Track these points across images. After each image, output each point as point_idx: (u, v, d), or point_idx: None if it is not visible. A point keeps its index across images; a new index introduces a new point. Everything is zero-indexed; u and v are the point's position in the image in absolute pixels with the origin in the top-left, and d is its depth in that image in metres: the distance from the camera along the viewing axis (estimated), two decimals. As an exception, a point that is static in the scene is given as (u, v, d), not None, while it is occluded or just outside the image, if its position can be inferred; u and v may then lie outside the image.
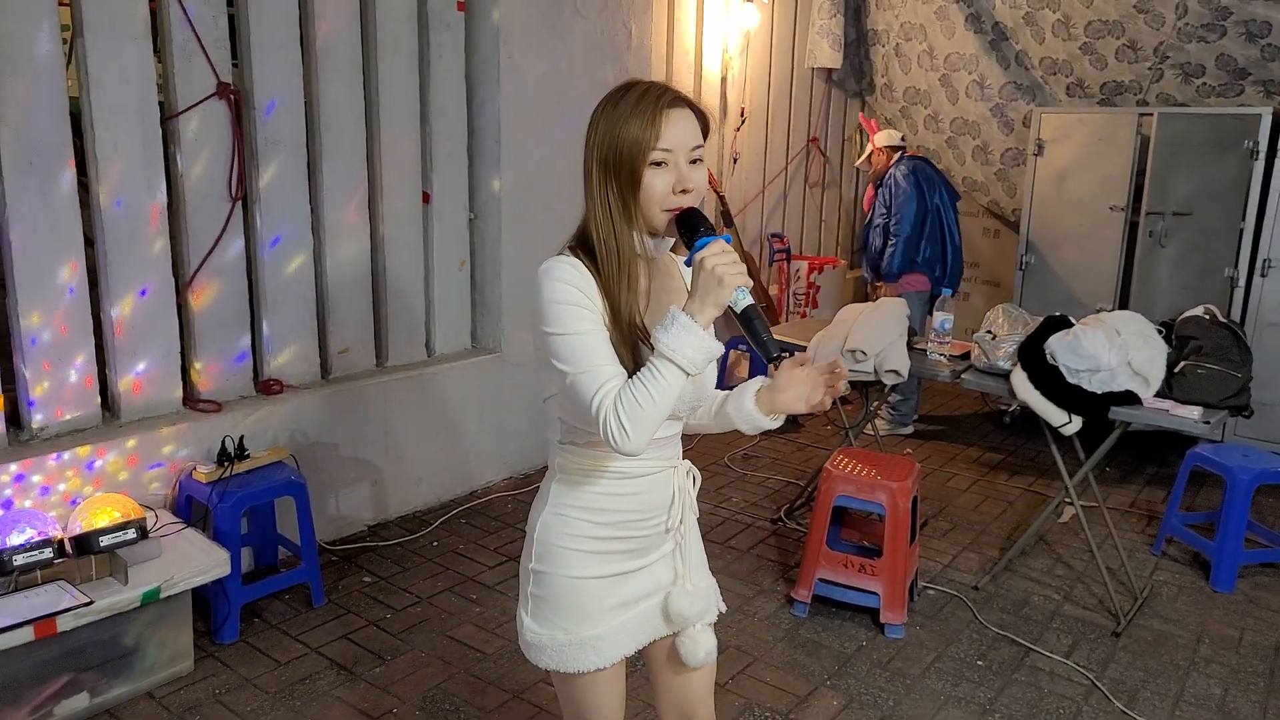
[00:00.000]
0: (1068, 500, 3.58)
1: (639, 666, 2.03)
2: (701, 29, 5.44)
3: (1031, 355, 3.43)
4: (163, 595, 2.76)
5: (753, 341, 1.45)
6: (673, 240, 1.59)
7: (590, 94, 4.61)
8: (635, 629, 1.69)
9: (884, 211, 5.24)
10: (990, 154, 6.11)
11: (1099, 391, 3.28)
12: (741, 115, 5.90)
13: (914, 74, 6.29)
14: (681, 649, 1.71)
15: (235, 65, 3.48)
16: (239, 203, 3.49)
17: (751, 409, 1.67)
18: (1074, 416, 3.32)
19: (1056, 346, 3.36)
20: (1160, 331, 3.50)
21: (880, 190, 5.30)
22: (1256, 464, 3.77)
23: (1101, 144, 5.18)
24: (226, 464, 3.25)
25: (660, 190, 1.48)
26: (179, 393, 3.45)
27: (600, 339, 1.47)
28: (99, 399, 3.26)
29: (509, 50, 4.22)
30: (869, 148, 5.49)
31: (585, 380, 1.45)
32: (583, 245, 1.55)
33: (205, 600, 3.14)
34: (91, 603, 2.61)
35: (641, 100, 1.48)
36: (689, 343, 1.40)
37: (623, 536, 1.64)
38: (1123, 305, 5.13)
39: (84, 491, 3.10)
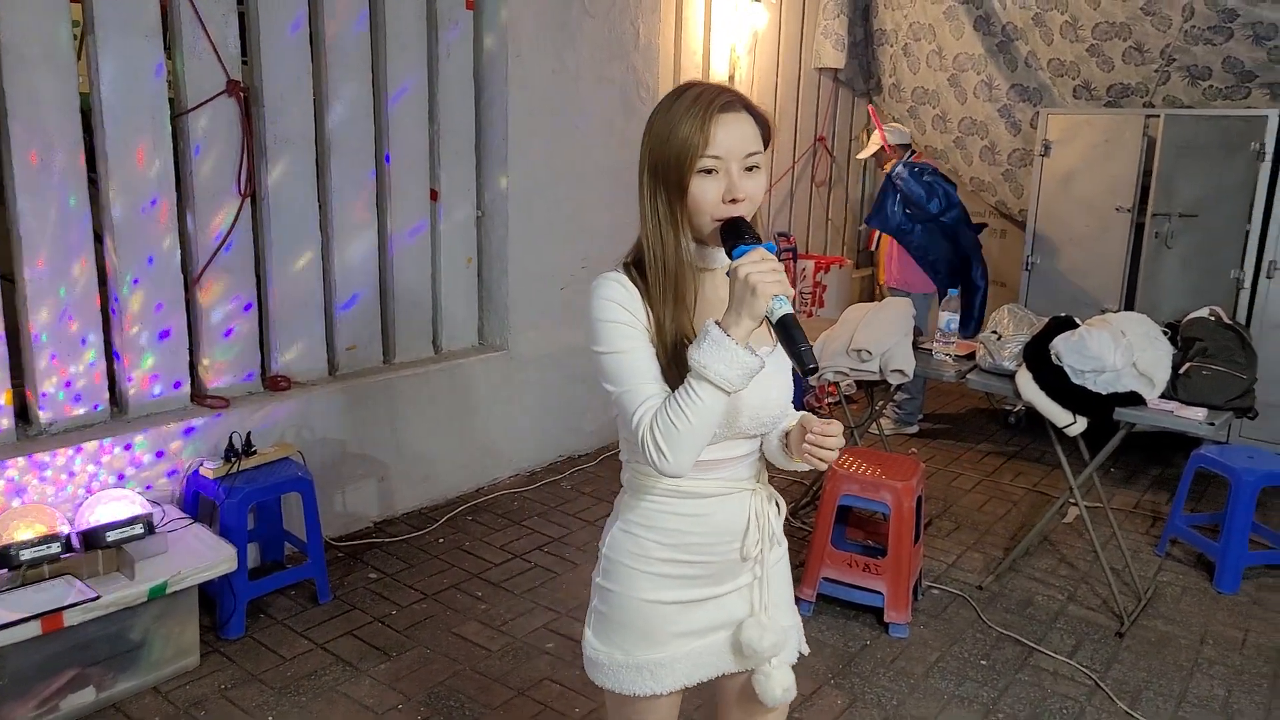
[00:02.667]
0: (1072, 501, 3.58)
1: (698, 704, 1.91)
2: (709, 28, 5.44)
3: (1037, 356, 3.44)
4: (169, 590, 2.77)
5: (788, 352, 1.37)
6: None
7: (598, 93, 4.63)
8: (700, 660, 1.60)
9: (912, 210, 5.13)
10: (998, 154, 6.11)
11: (1104, 392, 3.29)
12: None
13: (922, 74, 6.29)
14: (757, 686, 1.60)
15: (245, 62, 3.50)
16: (248, 200, 3.51)
17: (777, 447, 1.61)
18: (1079, 417, 3.32)
19: (1062, 347, 3.37)
20: (1165, 333, 3.50)
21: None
22: (1261, 466, 3.77)
23: (1108, 145, 5.17)
24: (234, 460, 3.26)
25: (709, 199, 1.41)
26: (187, 388, 3.47)
27: (643, 357, 1.43)
28: (107, 394, 3.28)
29: (517, 49, 4.23)
30: (875, 141, 5.43)
31: (627, 399, 1.42)
32: (637, 260, 1.50)
33: (211, 596, 3.16)
34: (98, 597, 2.62)
35: (694, 103, 1.41)
36: (721, 358, 1.33)
37: (690, 560, 1.56)
38: (1128, 306, 5.12)
39: (91, 486, 3.11)
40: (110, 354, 3.30)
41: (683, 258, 1.46)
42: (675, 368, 1.42)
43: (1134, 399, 3.27)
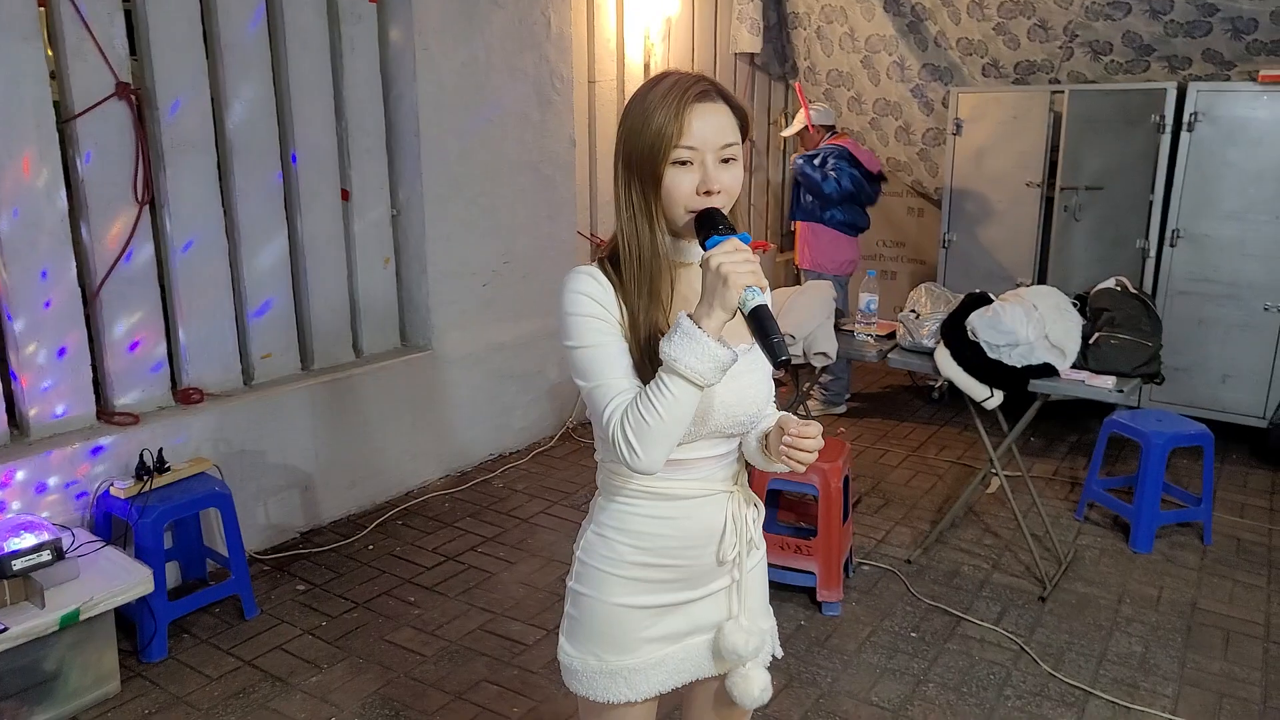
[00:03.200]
0: (993, 471, 3.67)
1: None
2: (622, 16, 5.41)
3: (954, 333, 3.50)
4: (82, 617, 2.67)
5: (759, 344, 1.33)
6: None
7: (509, 85, 4.57)
8: (676, 666, 1.57)
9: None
10: (912, 134, 6.20)
11: (1019, 365, 3.36)
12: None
13: (836, 56, 6.35)
14: (734, 689, 1.57)
15: (135, 58, 3.35)
16: (146, 207, 3.38)
17: (756, 449, 1.57)
18: (996, 390, 3.39)
19: (977, 323, 3.43)
20: (1075, 304, 3.60)
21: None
22: (1170, 428, 3.91)
23: (1016, 122, 5.29)
24: (146, 478, 3.16)
25: (683, 191, 1.38)
26: (92, 407, 3.33)
27: (615, 351, 1.40)
28: (6, 417, 3.13)
29: (424, 42, 4.15)
30: (800, 120, 5.51)
31: (598, 394, 1.39)
32: (612, 255, 1.46)
33: (130, 619, 3.06)
34: (6, 629, 2.52)
35: (669, 92, 1.37)
36: (692, 351, 1.29)
37: (664, 564, 1.52)
38: (1041, 279, 5.26)
39: (-5, 513, 2.98)
40: (6, 374, 3.15)
41: (657, 250, 1.42)
42: (649, 363, 1.39)
43: (1048, 370, 3.35)
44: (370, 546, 3.86)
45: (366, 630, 3.24)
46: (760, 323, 1.31)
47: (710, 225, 1.36)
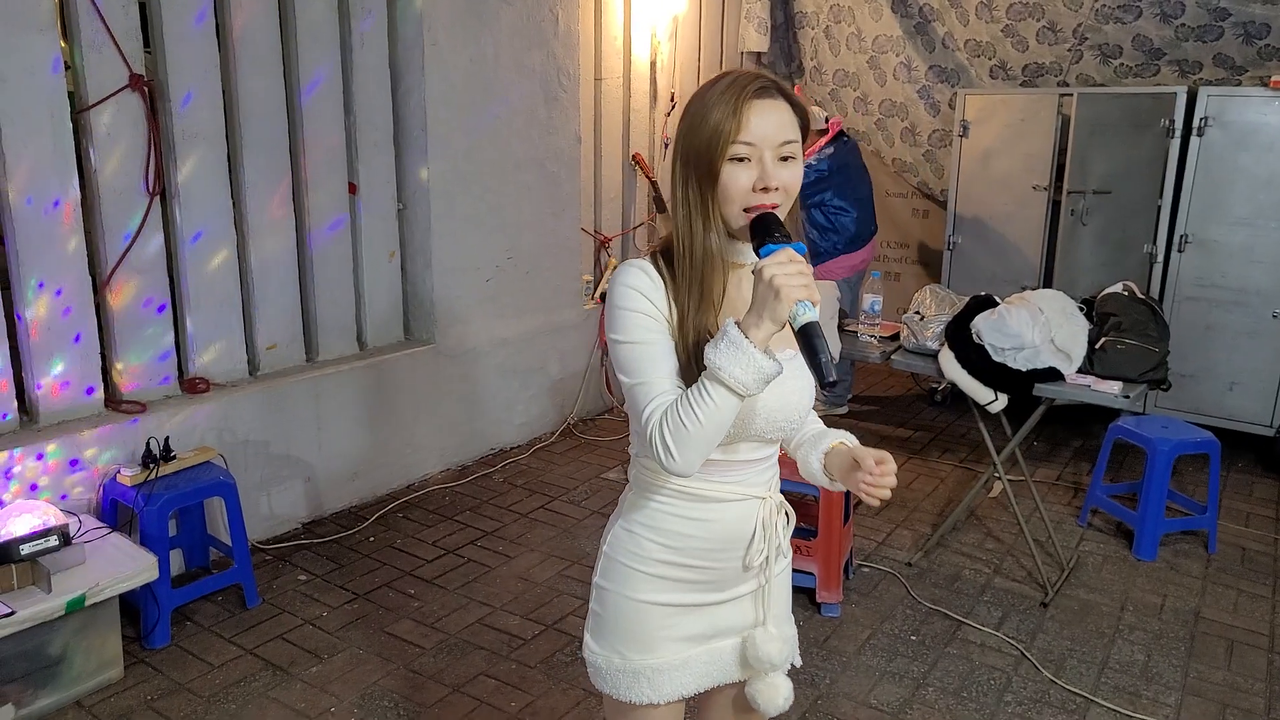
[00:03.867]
0: (996, 475, 3.67)
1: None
2: (629, 14, 5.42)
3: (958, 335, 3.50)
4: (88, 603, 2.69)
5: (808, 362, 1.30)
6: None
7: (516, 81, 4.58)
8: (701, 669, 1.56)
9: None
10: (918, 135, 6.20)
11: (1024, 369, 3.36)
12: (671, 100, 5.89)
13: (843, 56, 6.34)
14: (759, 696, 1.56)
15: (148, 51, 3.37)
16: (157, 198, 3.40)
17: (817, 469, 1.55)
18: (1000, 394, 3.39)
19: (982, 326, 3.43)
20: (1081, 309, 3.59)
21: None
22: (1175, 435, 3.90)
23: (1024, 124, 5.28)
24: (152, 466, 3.17)
25: (740, 188, 1.35)
26: (100, 394, 3.35)
27: (661, 350, 1.38)
28: (15, 403, 3.16)
29: (433, 37, 4.16)
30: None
31: (640, 392, 1.37)
32: (665, 250, 1.44)
33: (134, 605, 3.08)
34: (13, 613, 2.54)
35: (729, 89, 1.36)
36: (737, 361, 1.27)
37: (692, 565, 1.51)
38: (1046, 283, 5.25)
39: (2, 498, 3.00)
40: (17, 360, 3.17)
41: (710, 249, 1.40)
42: (694, 365, 1.36)
43: (1053, 374, 3.35)
44: (371, 538, 3.87)
45: (367, 621, 3.26)
46: (809, 340, 1.29)
47: (765, 232, 1.33)
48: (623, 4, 5.35)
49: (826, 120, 5.34)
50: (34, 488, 3.09)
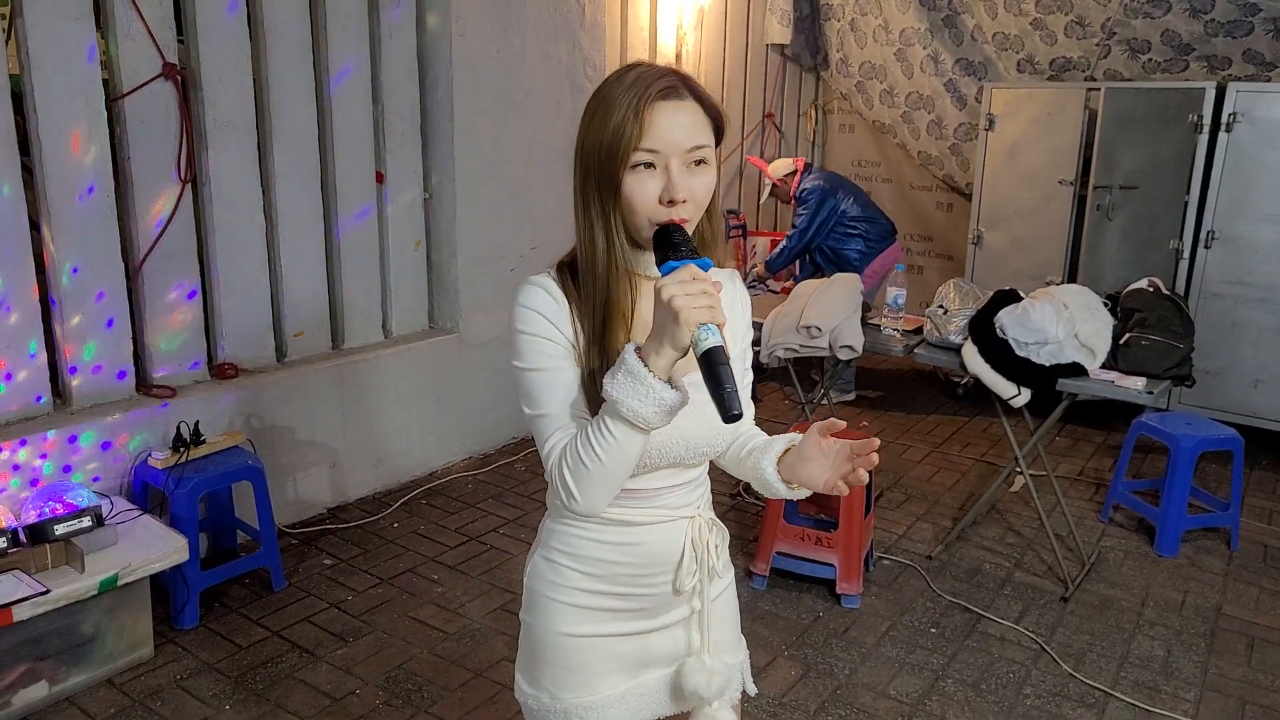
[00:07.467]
0: (1018, 470, 3.67)
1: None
2: (655, 5, 5.42)
3: (982, 329, 3.50)
4: (120, 583, 2.74)
5: (711, 393, 1.13)
6: None
7: (544, 72, 4.60)
8: (636, 703, 1.44)
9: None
10: (944, 129, 6.18)
11: (1047, 364, 3.36)
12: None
13: (869, 48, 6.33)
14: None
15: (181, 40, 3.41)
16: (189, 185, 3.44)
17: (772, 477, 1.38)
18: (1023, 389, 3.39)
19: (1006, 320, 3.43)
20: (1106, 304, 3.58)
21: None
22: (1199, 432, 3.89)
23: (1050, 119, 5.25)
24: (182, 450, 3.22)
25: (644, 199, 1.22)
26: (132, 378, 3.41)
27: (563, 379, 1.26)
28: (49, 386, 3.21)
29: (461, 28, 4.18)
30: (767, 182, 5.56)
31: (541, 425, 1.27)
32: (572, 262, 1.31)
33: (164, 586, 3.13)
34: (48, 591, 2.59)
35: (631, 88, 1.21)
36: (635, 393, 1.14)
37: (618, 593, 1.39)
38: (1071, 278, 5.23)
39: (37, 480, 3.06)
40: (51, 345, 3.23)
41: (616, 263, 1.26)
42: (600, 393, 1.21)
43: (1076, 369, 3.34)
44: (395, 524, 3.92)
45: (391, 606, 3.30)
46: (712, 368, 1.12)
47: (668, 245, 1.19)
48: (649, -5, 5.36)
49: (793, 165, 5.45)
50: (67, 469, 3.15)
